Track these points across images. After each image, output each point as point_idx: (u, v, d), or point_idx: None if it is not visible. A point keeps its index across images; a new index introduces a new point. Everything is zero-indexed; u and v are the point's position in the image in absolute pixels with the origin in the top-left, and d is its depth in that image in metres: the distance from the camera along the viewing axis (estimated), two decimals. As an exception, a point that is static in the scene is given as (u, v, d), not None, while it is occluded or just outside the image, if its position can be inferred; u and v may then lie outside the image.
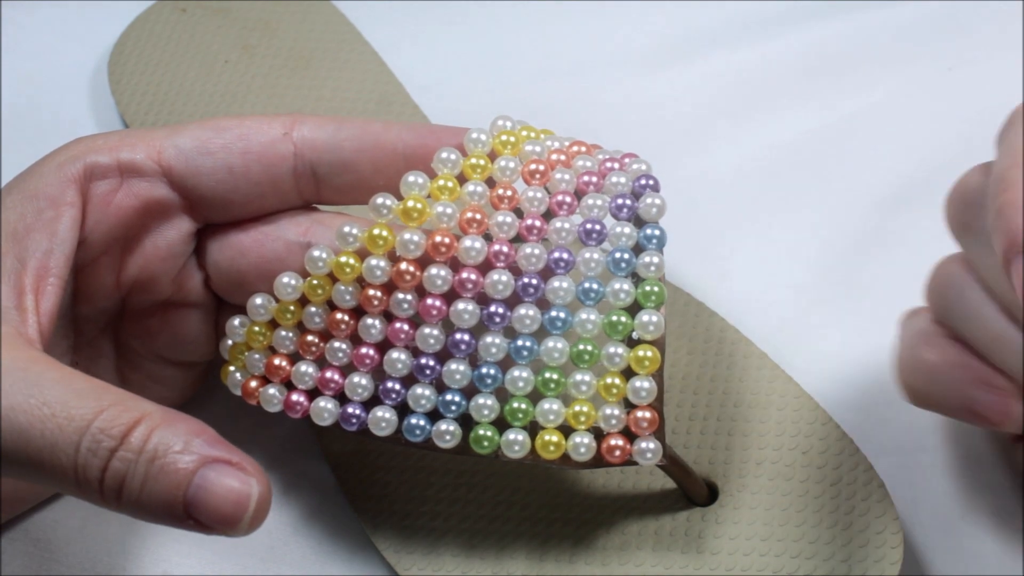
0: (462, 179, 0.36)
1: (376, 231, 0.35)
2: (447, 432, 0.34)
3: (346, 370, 0.36)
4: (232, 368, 0.38)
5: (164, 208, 0.37)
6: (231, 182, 0.36)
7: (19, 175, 0.36)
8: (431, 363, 0.35)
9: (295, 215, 0.37)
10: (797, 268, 0.45)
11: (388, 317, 0.35)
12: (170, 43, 0.52)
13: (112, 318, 0.39)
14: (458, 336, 0.34)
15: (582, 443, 0.34)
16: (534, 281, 0.34)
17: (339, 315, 0.35)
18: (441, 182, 0.35)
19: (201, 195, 0.37)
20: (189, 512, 0.30)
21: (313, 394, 0.36)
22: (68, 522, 0.40)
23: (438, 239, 0.34)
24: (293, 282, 0.36)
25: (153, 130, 0.37)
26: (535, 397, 0.34)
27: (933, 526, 0.38)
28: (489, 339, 0.34)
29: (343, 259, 0.35)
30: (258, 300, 0.36)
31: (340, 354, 0.36)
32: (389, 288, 0.35)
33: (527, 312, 0.34)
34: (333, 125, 0.37)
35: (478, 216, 0.34)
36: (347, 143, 0.37)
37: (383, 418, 0.35)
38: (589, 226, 0.34)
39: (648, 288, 0.34)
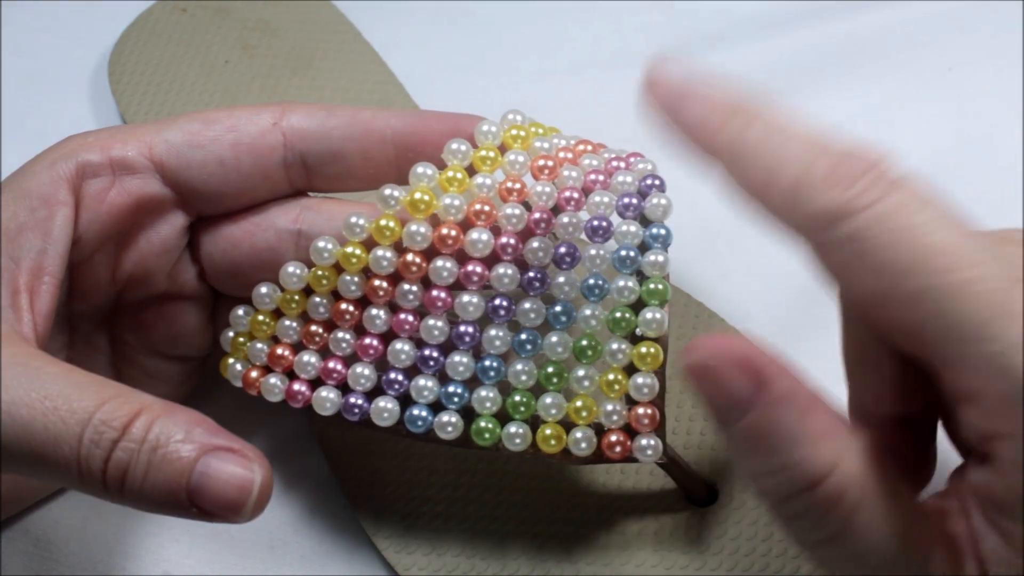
0: (471, 171, 0.36)
1: (383, 222, 0.35)
2: (448, 423, 0.35)
3: (349, 360, 0.36)
4: (232, 360, 0.38)
5: (157, 203, 0.37)
6: (222, 174, 0.36)
7: (11, 174, 0.36)
8: (434, 354, 0.35)
9: (285, 203, 0.37)
10: (797, 268, 0.44)
11: (392, 308, 0.35)
12: (170, 43, 0.52)
13: (107, 314, 0.39)
14: (462, 328, 0.34)
15: (583, 438, 0.34)
16: (539, 275, 0.34)
17: (344, 305, 0.36)
18: (450, 173, 0.35)
19: (193, 188, 0.37)
20: (193, 500, 0.30)
21: (315, 384, 0.36)
22: (68, 521, 0.40)
23: (444, 231, 0.34)
24: (299, 271, 0.36)
25: (143, 125, 0.37)
26: (537, 391, 0.34)
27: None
28: (493, 332, 0.34)
29: (349, 249, 0.35)
30: (263, 289, 0.37)
31: (344, 344, 0.36)
32: (395, 279, 0.35)
33: (531, 306, 0.34)
34: (322, 113, 0.37)
35: (486, 208, 0.35)
36: (336, 131, 0.37)
37: (385, 408, 0.35)
38: (595, 223, 0.34)
39: (652, 286, 0.34)
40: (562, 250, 0.34)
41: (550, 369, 0.34)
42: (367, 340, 0.35)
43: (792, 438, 0.27)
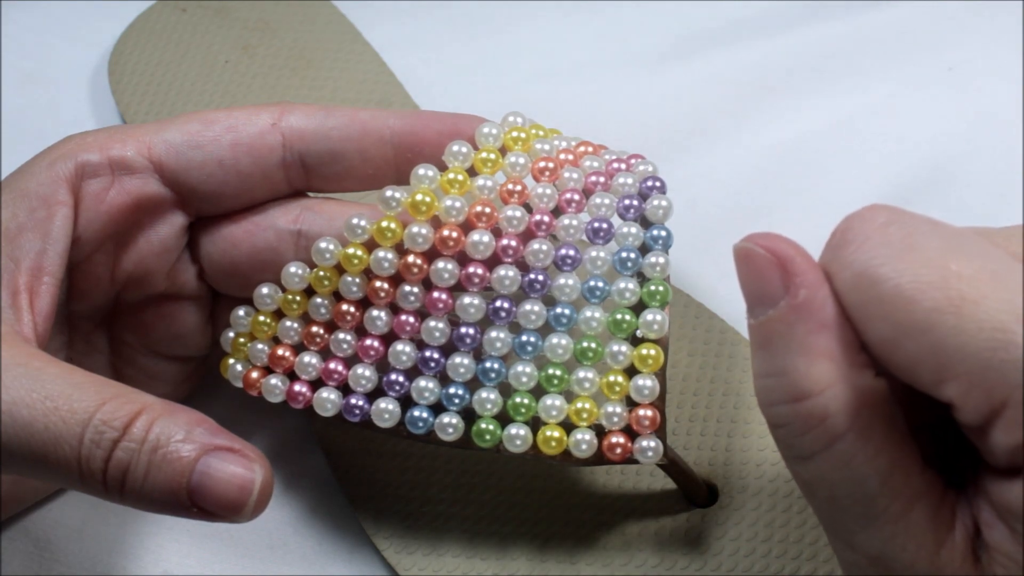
0: (472, 172, 0.36)
1: (384, 223, 0.35)
2: (449, 425, 0.35)
3: (350, 361, 0.36)
4: (232, 360, 0.38)
5: (156, 204, 0.37)
6: (221, 175, 0.36)
7: (10, 174, 0.36)
8: (435, 356, 0.35)
9: (285, 203, 0.38)
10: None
11: (393, 309, 0.35)
12: (170, 43, 0.52)
13: (106, 314, 0.39)
14: (463, 330, 0.34)
15: (583, 439, 0.34)
16: (540, 277, 0.34)
17: (345, 306, 0.36)
18: (451, 175, 0.35)
19: (192, 189, 0.37)
20: (193, 500, 0.30)
21: (316, 385, 0.36)
22: (68, 521, 0.39)
23: (445, 233, 0.34)
24: (300, 272, 0.36)
25: (142, 126, 0.37)
26: (538, 393, 0.34)
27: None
28: (494, 333, 0.34)
29: (351, 251, 0.35)
30: (264, 290, 0.37)
31: (344, 345, 0.36)
32: (396, 280, 0.35)
33: (532, 307, 0.34)
34: (321, 113, 0.37)
35: (487, 210, 0.35)
36: (335, 132, 0.37)
37: (386, 409, 0.35)
38: (596, 225, 0.34)
39: (653, 287, 0.34)
40: (563, 252, 0.34)
41: (551, 371, 0.34)
42: (368, 341, 0.35)
43: (795, 347, 0.28)
